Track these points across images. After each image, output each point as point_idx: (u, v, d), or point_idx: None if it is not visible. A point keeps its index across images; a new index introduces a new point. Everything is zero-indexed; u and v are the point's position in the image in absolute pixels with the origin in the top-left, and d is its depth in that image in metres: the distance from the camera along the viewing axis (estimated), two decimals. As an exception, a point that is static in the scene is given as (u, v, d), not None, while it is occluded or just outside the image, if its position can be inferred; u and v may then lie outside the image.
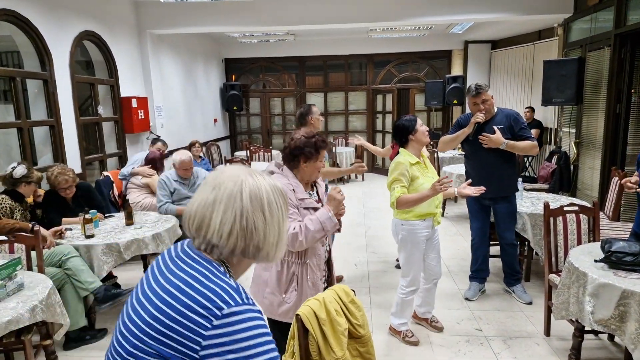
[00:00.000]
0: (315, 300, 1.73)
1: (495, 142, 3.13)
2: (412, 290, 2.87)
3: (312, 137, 2.09)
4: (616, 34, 4.67)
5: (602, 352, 2.77)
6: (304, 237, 1.96)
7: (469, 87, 3.27)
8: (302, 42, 8.92)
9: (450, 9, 5.75)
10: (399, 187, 2.64)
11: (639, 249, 2.21)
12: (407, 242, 2.79)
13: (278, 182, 1.09)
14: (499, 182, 3.26)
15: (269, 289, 2.10)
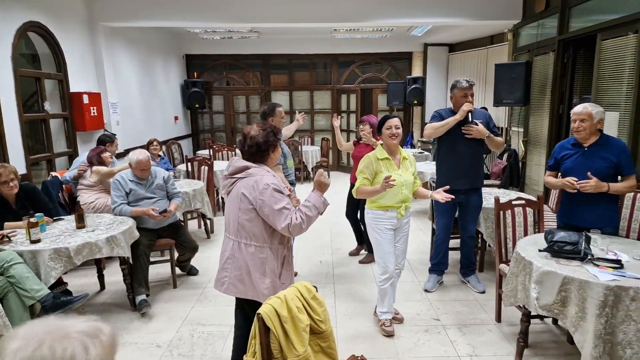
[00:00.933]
0: (276, 299, 1.77)
1: (481, 132, 3.32)
2: (387, 279, 3.00)
3: (267, 128, 2.24)
4: (559, 39, 5.01)
5: (547, 335, 3.00)
6: (306, 224, 2.16)
7: (459, 81, 3.44)
8: (266, 40, 8.91)
9: (410, 12, 5.95)
10: (362, 178, 2.89)
11: (577, 238, 2.42)
12: (373, 230, 2.99)
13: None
14: (475, 173, 3.49)
15: (268, 279, 2.20)
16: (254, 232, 2.17)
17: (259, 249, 2.19)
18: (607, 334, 2.10)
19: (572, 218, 2.87)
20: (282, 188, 2.19)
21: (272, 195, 2.12)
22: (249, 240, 2.19)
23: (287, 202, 2.17)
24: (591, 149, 2.78)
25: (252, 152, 2.22)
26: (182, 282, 3.97)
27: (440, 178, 3.59)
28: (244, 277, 2.20)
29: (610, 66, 4.21)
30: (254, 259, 2.18)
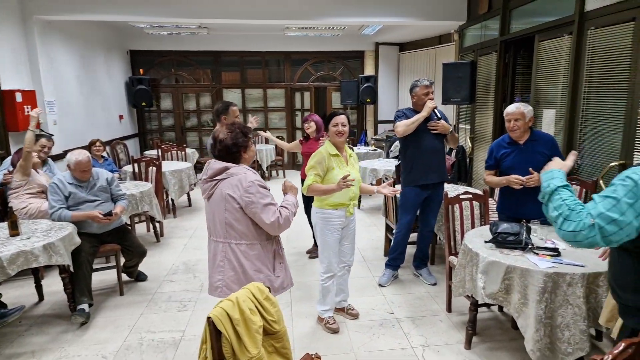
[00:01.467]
0: (228, 301, 1.73)
1: (445, 127, 3.45)
2: (330, 276, 3.01)
3: (234, 129, 2.21)
4: (501, 40, 5.26)
5: (493, 322, 3.13)
6: (292, 218, 2.23)
7: (420, 80, 3.56)
8: (216, 36, 8.70)
9: (360, 11, 6.02)
10: (313, 175, 2.82)
11: (519, 229, 2.54)
12: (321, 229, 2.96)
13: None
14: (442, 168, 3.61)
15: (263, 274, 2.24)
16: (242, 231, 2.18)
17: (250, 246, 2.21)
18: (547, 318, 2.21)
19: (514, 211, 3.02)
20: (265, 184, 2.22)
21: (259, 191, 2.14)
22: (239, 240, 2.20)
23: (272, 198, 2.19)
24: (526, 145, 2.94)
25: (223, 156, 2.20)
26: (129, 288, 3.79)
27: (409, 175, 3.62)
28: (240, 276, 2.20)
29: (547, 66, 4.47)
30: (247, 257, 2.21)
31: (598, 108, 3.77)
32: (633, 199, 1.37)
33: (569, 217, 1.47)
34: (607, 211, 1.40)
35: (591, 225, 1.41)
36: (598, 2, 3.72)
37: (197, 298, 3.59)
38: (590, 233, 1.42)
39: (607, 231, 1.40)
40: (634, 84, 3.33)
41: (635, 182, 1.38)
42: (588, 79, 3.87)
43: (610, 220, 1.39)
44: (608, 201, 1.41)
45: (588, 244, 1.44)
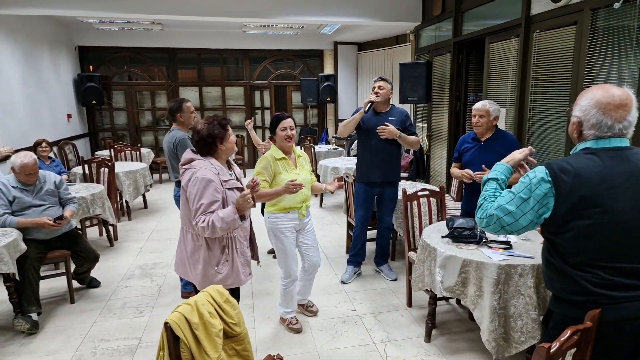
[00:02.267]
0: (186, 305, 1.69)
1: (392, 133, 3.47)
2: (291, 281, 2.98)
3: (212, 120, 2.25)
4: (455, 41, 5.44)
5: (452, 314, 3.23)
6: (210, 232, 2.14)
7: (375, 78, 3.62)
8: (171, 33, 8.45)
9: (318, 10, 6.04)
10: (260, 180, 2.70)
11: (474, 224, 2.63)
12: (274, 234, 2.92)
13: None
14: (388, 169, 3.63)
15: (201, 265, 2.25)
16: (190, 220, 2.23)
17: (195, 236, 2.26)
18: (501, 309, 2.31)
19: (471, 206, 3.14)
20: (221, 184, 2.19)
21: (197, 189, 2.13)
22: (188, 227, 2.27)
23: (213, 201, 2.13)
24: (487, 143, 3.05)
25: (200, 146, 2.24)
26: (81, 296, 3.61)
27: (358, 172, 3.76)
28: (185, 260, 2.32)
29: (497, 66, 4.66)
30: (190, 246, 2.28)
31: (544, 106, 3.98)
32: (527, 195, 1.52)
33: (481, 206, 1.65)
34: (505, 204, 1.57)
35: (491, 215, 1.59)
36: (543, 6, 3.92)
37: (154, 303, 3.47)
38: (491, 221, 1.59)
39: (504, 221, 1.57)
40: (576, 84, 3.54)
41: (531, 180, 1.52)
42: (535, 79, 4.08)
43: (506, 212, 1.56)
44: (508, 195, 1.58)
45: (492, 231, 1.62)
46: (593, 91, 1.50)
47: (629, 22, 3.09)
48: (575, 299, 1.52)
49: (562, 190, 1.46)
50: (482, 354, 2.69)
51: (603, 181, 1.44)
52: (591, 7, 3.37)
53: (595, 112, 1.46)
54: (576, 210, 1.45)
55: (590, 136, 1.50)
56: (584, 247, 1.48)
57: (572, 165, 1.47)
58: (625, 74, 3.13)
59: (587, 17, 3.41)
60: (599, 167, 1.45)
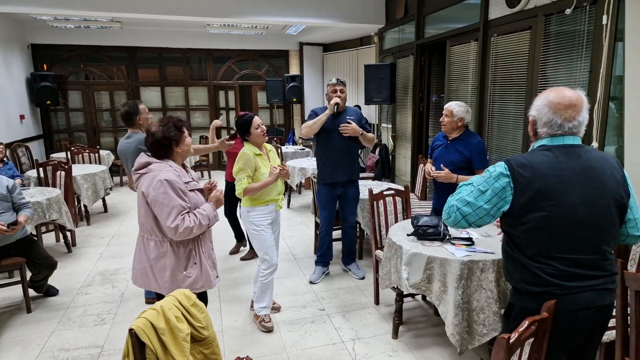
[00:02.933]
0: (152, 310, 1.66)
1: (355, 130, 3.52)
2: (272, 271, 3.05)
3: (167, 122, 2.21)
4: (417, 44, 5.57)
5: (418, 310, 3.31)
6: (196, 230, 2.14)
7: (330, 79, 3.64)
8: (131, 31, 8.19)
9: (282, 11, 6.03)
10: (245, 177, 2.85)
11: (438, 222, 2.71)
12: (256, 227, 2.98)
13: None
14: (350, 167, 3.68)
15: (169, 272, 2.20)
16: (151, 227, 2.18)
17: (159, 243, 2.20)
18: (464, 303, 2.39)
19: (437, 203, 3.27)
20: (184, 186, 2.15)
21: (166, 192, 2.08)
22: (149, 235, 2.20)
23: (181, 202, 2.12)
24: (453, 142, 3.16)
25: (155, 149, 2.20)
26: (38, 304, 3.44)
27: (320, 173, 3.76)
28: (147, 270, 2.23)
29: (458, 69, 4.82)
30: (154, 253, 2.20)
31: (502, 107, 4.15)
32: (485, 187, 1.60)
33: (447, 202, 1.74)
34: (465, 195, 1.66)
35: (452, 205, 1.69)
36: (499, 11, 4.08)
37: (116, 310, 3.36)
38: (452, 212, 1.69)
39: (463, 212, 1.65)
40: (532, 86, 3.71)
41: (490, 174, 1.60)
42: (493, 81, 4.24)
43: (465, 203, 1.65)
44: (468, 188, 1.68)
45: (452, 222, 1.70)
46: (547, 92, 1.59)
47: (579, 27, 3.27)
48: (532, 289, 1.59)
49: (519, 184, 1.53)
50: (447, 347, 2.77)
51: (556, 176, 1.52)
52: (544, 12, 3.54)
53: (547, 111, 1.55)
54: (532, 203, 1.53)
55: (543, 134, 1.58)
56: (539, 239, 1.55)
57: (529, 161, 1.55)
58: (577, 77, 3.32)
59: (540, 22, 3.58)
60: (553, 162, 1.53)
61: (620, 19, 2.94)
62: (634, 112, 2.86)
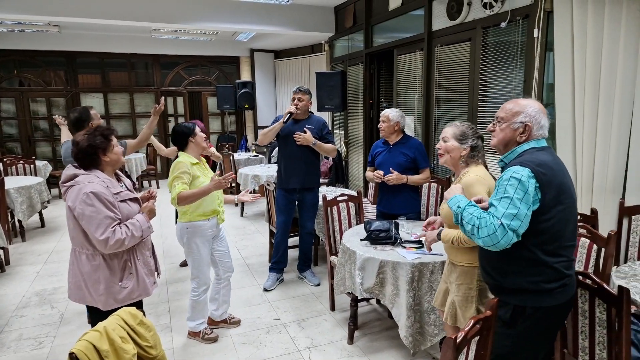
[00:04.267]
0: (94, 332, 1.58)
1: (307, 140, 3.53)
2: (204, 290, 2.94)
3: (95, 130, 2.15)
4: (366, 52, 5.70)
5: (373, 314, 3.35)
6: (129, 242, 2.08)
7: (295, 87, 3.69)
8: (70, 35, 7.77)
9: (231, 17, 5.97)
10: (180, 183, 2.65)
11: (389, 226, 2.77)
12: (194, 244, 2.82)
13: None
14: (305, 175, 3.68)
15: (104, 284, 2.11)
16: (81, 241, 2.11)
17: (91, 256, 2.12)
18: (416, 305, 2.45)
19: (385, 206, 3.34)
20: (113, 197, 2.08)
21: (93, 205, 2.00)
22: (81, 248, 2.13)
23: (110, 214, 2.03)
24: (395, 146, 3.26)
25: (80, 159, 2.12)
26: (-35, 331, 3.15)
27: (278, 178, 3.79)
28: (81, 284, 2.14)
29: (405, 77, 4.98)
30: (87, 267, 2.12)
31: (447, 114, 4.33)
32: (521, 194, 1.57)
33: (480, 225, 1.59)
34: (507, 210, 1.57)
35: (500, 225, 1.55)
36: (442, 23, 4.27)
37: (55, 332, 3.14)
38: (503, 232, 1.55)
39: (513, 226, 1.55)
40: (473, 94, 3.90)
41: (519, 179, 1.58)
42: (438, 88, 4.42)
43: (512, 217, 1.56)
44: (504, 201, 1.58)
45: (505, 243, 1.56)
46: (527, 101, 1.75)
47: (514, 39, 3.49)
48: (550, 287, 1.64)
49: (543, 183, 1.59)
50: (401, 350, 2.83)
51: (561, 171, 1.67)
52: (482, 25, 3.75)
53: (542, 115, 1.72)
54: (556, 197, 1.61)
55: (538, 136, 1.72)
56: (563, 231, 1.64)
57: (540, 160, 1.64)
58: (513, 85, 3.53)
59: (479, 34, 3.78)
60: (553, 160, 1.68)
61: (550, 31, 3.17)
62: (564, 117, 3.08)
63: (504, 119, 1.75)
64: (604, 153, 2.92)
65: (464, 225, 1.66)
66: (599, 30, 2.85)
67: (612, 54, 2.81)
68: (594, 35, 2.87)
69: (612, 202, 2.95)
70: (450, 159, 2.18)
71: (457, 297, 2.10)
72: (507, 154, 1.77)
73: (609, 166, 2.91)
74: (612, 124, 2.87)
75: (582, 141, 3.00)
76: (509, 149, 1.76)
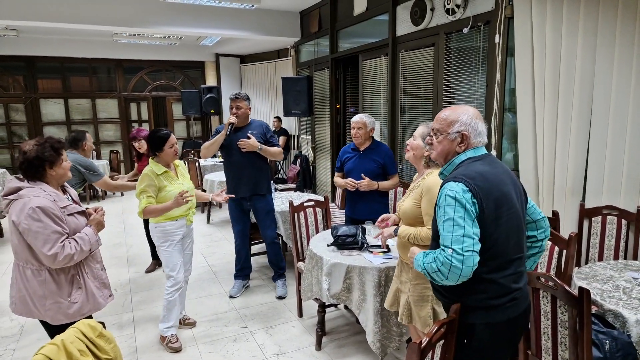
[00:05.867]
0: (51, 345, 1.52)
1: (252, 146, 3.44)
2: (177, 289, 2.94)
3: (45, 142, 2.05)
4: (332, 57, 5.73)
5: (341, 320, 3.34)
6: (78, 257, 2.02)
7: (232, 93, 3.55)
8: (29, 40, 7.47)
9: (194, 22, 5.88)
10: (145, 197, 2.75)
11: (356, 231, 2.77)
12: (163, 243, 2.89)
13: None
14: (254, 182, 3.60)
15: (50, 300, 2.04)
16: (26, 256, 2.02)
17: (37, 271, 2.04)
18: (383, 310, 2.45)
19: (353, 212, 3.33)
20: (60, 211, 1.99)
21: (40, 219, 1.91)
22: (25, 263, 2.04)
23: (58, 228, 1.96)
24: (365, 152, 3.26)
25: (24, 169, 2.03)
26: None
27: (227, 187, 3.66)
28: (26, 299, 2.06)
29: (370, 82, 5.03)
30: (32, 282, 2.04)
31: (412, 117, 4.40)
32: (461, 211, 1.48)
33: (439, 266, 1.48)
34: (453, 233, 1.46)
35: (451, 256, 1.44)
36: (405, 29, 4.35)
37: (15, 345, 3.01)
38: (459, 258, 1.43)
39: (467, 246, 1.44)
40: (437, 98, 3.98)
41: (454, 197, 1.50)
42: (403, 92, 4.49)
43: (461, 239, 1.45)
44: (448, 225, 1.49)
45: (470, 267, 1.44)
46: (461, 108, 1.66)
47: (476, 44, 3.58)
48: (499, 302, 1.56)
49: (479, 196, 1.50)
50: (369, 354, 2.83)
51: (500, 181, 1.57)
52: (445, 31, 3.83)
53: (477, 122, 1.63)
54: (495, 211, 1.52)
55: (477, 144, 1.64)
56: (505, 245, 1.55)
57: (475, 172, 1.55)
58: (476, 90, 3.62)
59: (442, 40, 3.87)
60: (491, 170, 1.58)
61: (510, 37, 3.27)
62: (525, 121, 3.18)
63: (439, 131, 1.67)
64: (563, 156, 3.01)
65: (434, 278, 1.52)
66: (557, 35, 2.95)
67: (570, 58, 2.92)
68: (553, 40, 2.97)
69: (572, 204, 3.04)
70: (413, 157, 2.26)
71: (412, 296, 2.12)
72: (446, 166, 1.69)
73: (569, 169, 3.00)
74: (571, 127, 2.96)
75: (542, 144, 3.09)
76: (449, 160, 1.68)
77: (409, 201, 2.14)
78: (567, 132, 2.98)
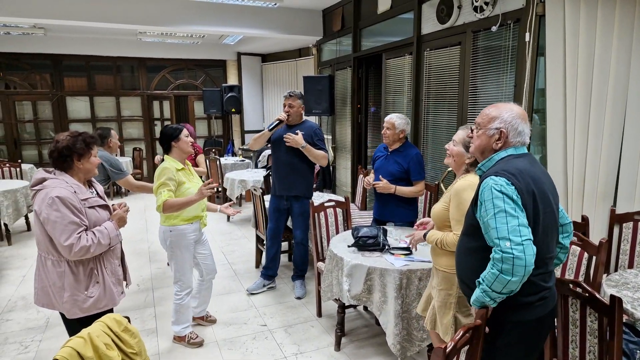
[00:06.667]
0: (78, 339, 1.56)
1: (296, 142, 3.44)
2: (187, 293, 2.93)
3: (79, 135, 2.11)
4: (354, 56, 5.69)
5: (360, 321, 3.32)
6: (95, 249, 2.02)
7: (285, 92, 3.63)
8: (56, 38, 7.65)
9: (218, 20, 5.91)
10: (166, 191, 2.68)
11: (377, 232, 2.74)
12: (177, 247, 2.83)
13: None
14: (290, 182, 3.60)
15: (68, 292, 2.07)
16: (47, 246, 2.05)
17: (57, 262, 2.07)
18: (404, 312, 2.42)
19: (379, 214, 3.31)
20: (80, 203, 2.02)
21: (59, 210, 1.95)
22: (46, 254, 2.08)
23: (75, 219, 1.99)
24: (392, 153, 3.23)
25: (54, 158, 2.09)
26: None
27: (272, 184, 3.77)
28: (47, 289, 2.10)
29: (394, 81, 4.97)
30: (52, 273, 2.08)
31: (436, 118, 4.33)
32: (511, 203, 1.47)
33: (501, 265, 1.44)
34: (508, 224, 1.44)
35: (511, 248, 1.41)
36: (431, 27, 4.27)
37: (41, 337, 3.08)
38: (519, 248, 1.41)
39: (525, 235, 1.43)
40: (462, 98, 3.90)
41: (500, 191, 1.48)
42: (427, 93, 4.42)
43: (517, 228, 1.43)
44: (500, 216, 1.46)
45: (531, 257, 1.42)
46: (506, 106, 1.65)
47: (504, 43, 3.49)
48: (529, 300, 1.56)
49: (522, 191, 1.50)
50: (388, 356, 2.79)
51: (539, 179, 1.57)
52: (472, 29, 3.75)
53: (519, 121, 1.62)
54: (535, 208, 1.51)
55: (516, 143, 1.63)
56: (546, 243, 1.56)
57: (515, 169, 1.54)
58: (503, 90, 3.53)
59: (469, 38, 3.79)
60: (530, 168, 1.58)
61: (541, 35, 3.17)
62: (555, 123, 3.08)
63: (480, 125, 1.68)
64: (595, 159, 2.90)
65: (501, 283, 1.45)
66: (591, 35, 2.84)
67: (605, 58, 2.80)
68: (586, 40, 2.86)
69: (603, 210, 2.93)
70: (454, 164, 2.17)
71: (436, 302, 2.09)
72: (484, 162, 1.68)
73: (600, 173, 2.89)
74: (604, 130, 2.85)
75: (573, 147, 2.98)
76: (486, 156, 1.68)
77: (440, 204, 2.12)
78: (600, 135, 2.88)
